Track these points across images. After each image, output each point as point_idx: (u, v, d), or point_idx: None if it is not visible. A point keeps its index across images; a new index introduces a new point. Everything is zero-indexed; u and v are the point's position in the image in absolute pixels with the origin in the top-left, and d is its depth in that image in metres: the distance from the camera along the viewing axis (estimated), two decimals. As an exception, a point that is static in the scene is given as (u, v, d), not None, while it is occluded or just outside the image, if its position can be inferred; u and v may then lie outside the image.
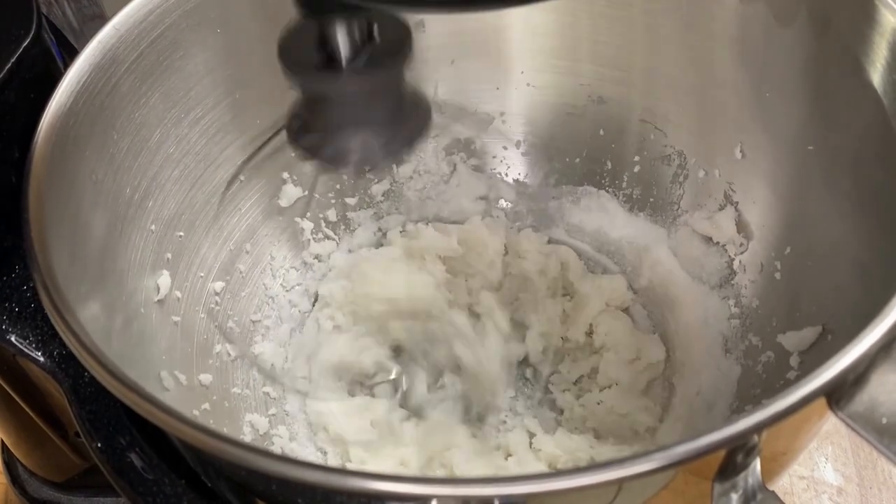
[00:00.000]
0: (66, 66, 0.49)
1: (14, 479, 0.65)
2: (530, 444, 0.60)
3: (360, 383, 0.64)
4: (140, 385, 0.36)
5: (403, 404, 0.63)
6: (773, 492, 0.39)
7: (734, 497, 0.38)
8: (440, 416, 0.61)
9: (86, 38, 0.50)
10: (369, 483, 0.31)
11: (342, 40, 0.34)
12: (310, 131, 0.38)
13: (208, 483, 0.44)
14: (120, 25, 0.51)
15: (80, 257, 0.45)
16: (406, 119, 0.38)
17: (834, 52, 0.50)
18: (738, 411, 0.56)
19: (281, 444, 0.60)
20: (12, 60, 0.46)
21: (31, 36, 0.47)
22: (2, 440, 0.65)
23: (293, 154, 0.39)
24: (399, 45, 0.35)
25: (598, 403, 0.61)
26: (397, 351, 0.65)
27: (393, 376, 0.64)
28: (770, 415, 0.32)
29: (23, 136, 0.46)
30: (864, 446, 0.67)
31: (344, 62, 0.34)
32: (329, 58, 0.34)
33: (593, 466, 0.30)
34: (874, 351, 0.34)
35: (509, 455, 0.59)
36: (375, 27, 0.35)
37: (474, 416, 0.62)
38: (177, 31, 0.54)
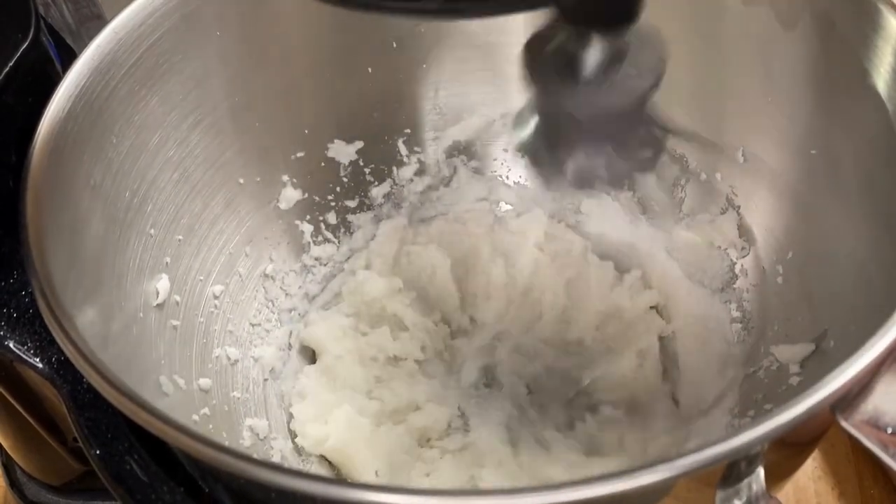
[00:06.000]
0: (65, 69, 0.48)
1: (12, 482, 0.65)
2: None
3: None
4: (138, 392, 0.36)
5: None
6: (776, 498, 0.39)
7: (738, 504, 0.37)
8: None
9: (84, 39, 0.50)
10: (368, 494, 0.31)
11: (592, 56, 0.33)
12: (542, 142, 0.39)
13: (206, 490, 0.44)
14: (119, 29, 0.51)
15: (78, 262, 0.45)
16: (637, 146, 0.39)
17: (838, 56, 0.50)
18: (739, 416, 0.56)
19: (279, 447, 0.60)
20: (10, 64, 0.46)
21: (29, 39, 0.47)
22: (0, 444, 0.65)
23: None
24: (650, 75, 0.34)
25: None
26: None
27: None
28: (774, 427, 0.31)
29: (21, 140, 0.46)
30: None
31: (586, 78, 0.34)
32: (572, 71, 0.34)
33: (595, 479, 0.30)
34: (881, 360, 0.34)
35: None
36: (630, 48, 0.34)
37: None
38: (176, 34, 0.54)
